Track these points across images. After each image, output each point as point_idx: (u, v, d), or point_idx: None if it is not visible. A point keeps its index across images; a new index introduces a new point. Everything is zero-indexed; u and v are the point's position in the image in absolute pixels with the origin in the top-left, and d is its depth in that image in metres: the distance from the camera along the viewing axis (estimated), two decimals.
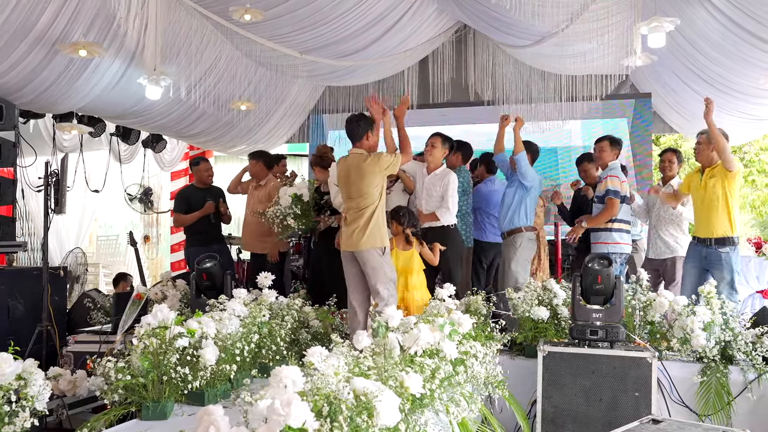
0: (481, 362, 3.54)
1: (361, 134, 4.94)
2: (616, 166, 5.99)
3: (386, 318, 3.07)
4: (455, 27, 9.18)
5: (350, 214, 4.87)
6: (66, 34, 5.71)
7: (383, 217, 4.88)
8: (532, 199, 6.04)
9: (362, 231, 4.75)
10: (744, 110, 7.29)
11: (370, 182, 4.80)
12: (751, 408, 4.36)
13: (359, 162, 4.84)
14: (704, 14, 5.54)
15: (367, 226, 4.75)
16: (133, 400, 3.15)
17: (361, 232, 4.75)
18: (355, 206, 4.83)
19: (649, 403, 4.19)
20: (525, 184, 5.94)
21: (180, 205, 7.22)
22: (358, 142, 4.95)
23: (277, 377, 2.00)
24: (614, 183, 5.82)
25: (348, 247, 4.83)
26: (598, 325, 4.38)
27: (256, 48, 7.42)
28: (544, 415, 4.35)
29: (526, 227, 6.00)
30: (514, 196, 6.00)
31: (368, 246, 4.74)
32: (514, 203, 5.98)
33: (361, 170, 4.81)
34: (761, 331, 4.44)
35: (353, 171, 4.86)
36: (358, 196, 4.83)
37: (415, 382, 2.36)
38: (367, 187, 4.80)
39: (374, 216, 4.79)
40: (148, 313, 3.35)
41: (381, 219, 4.84)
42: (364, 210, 4.79)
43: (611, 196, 5.81)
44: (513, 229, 5.97)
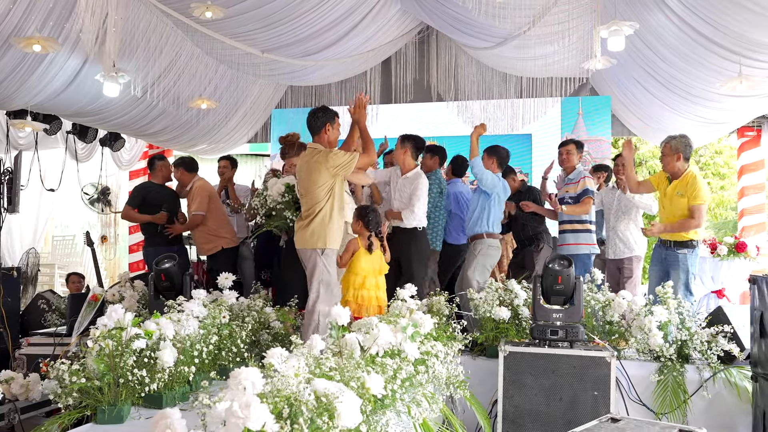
0: (442, 362, 3.53)
1: (319, 127, 4.78)
2: (581, 169, 6.16)
3: (335, 317, 3.05)
4: (418, 28, 9.21)
5: (302, 211, 4.80)
6: (20, 28, 5.56)
7: (333, 218, 4.68)
8: (496, 205, 5.96)
9: (304, 229, 4.66)
10: (700, 114, 7.43)
11: (316, 180, 4.64)
12: (707, 406, 4.46)
13: (310, 157, 4.73)
14: (662, 18, 5.63)
15: (309, 224, 4.64)
16: (89, 404, 3.07)
17: (303, 230, 4.66)
18: (304, 203, 4.75)
19: (608, 402, 4.24)
20: (484, 189, 5.92)
21: (134, 200, 6.96)
22: (317, 135, 4.81)
23: (235, 379, 1.97)
24: (591, 184, 6.09)
25: (296, 244, 4.78)
26: (559, 325, 4.42)
27: (217, 46, 7.32)
28: (505, 415, 4.38)
29: (488, 234, 5.94)
30: (478, 202, 5.97)
31: (308, 245, 4.66)
32: (478, 209, 5.95)
33: (309, 166, 4.69)
34: (716, 331, 4.53)
35: (304, 166, 4.75)
36: (305, 193, 4.73)
37: (376, 383, 2.34)
38: (312, 184, 4.66)
39: (318, 216, 4.63)
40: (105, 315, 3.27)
41: (328, 219, 4.65)
42: (310, 208, 4.68)
43: (589, 195, 6.04)
44: (474, 234, 5.97)
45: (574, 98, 9.03)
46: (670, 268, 5.57)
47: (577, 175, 6.15)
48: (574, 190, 6.10)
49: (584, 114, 8.99)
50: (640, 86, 7.65)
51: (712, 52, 5.65)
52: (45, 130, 7.79)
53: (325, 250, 4.64)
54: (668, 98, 7.37)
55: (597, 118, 8.95)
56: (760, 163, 9.15)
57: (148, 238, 7.09)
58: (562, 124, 9.07)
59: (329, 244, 4.65)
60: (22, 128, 7.42)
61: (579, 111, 9.00)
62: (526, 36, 7.01)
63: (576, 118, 9.03)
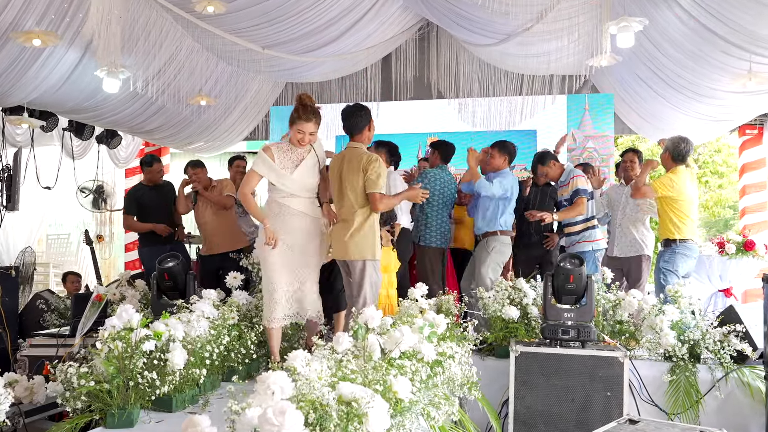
0: (458, 363, 3.47)
1: (362, 126, 4.49)
2: (572, 168, 6.11)
3: (365, 319, 2.97)
4: (419, 25, 9.14)
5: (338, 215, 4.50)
6: (18, 21, 5.45)
7: (376, 225, 4.49)
8: (510, 203, 5.86)
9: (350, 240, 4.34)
10: (702, 111, 7.39)
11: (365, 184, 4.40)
12: (719, 406, 4.41)
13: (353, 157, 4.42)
14: (669, 15, 5.57)
15: (357, 234, 4.34)
16: (97, 407, 3.00)
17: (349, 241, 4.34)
18: (343, 206, 4.45)
19: (621, 402, 4.19)
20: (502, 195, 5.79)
21: (131, 208, 6.75)
22: (359, 134, 4.50)
23: (264, 383, 1.88)
24: (582, 182, 5.94)
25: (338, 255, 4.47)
26: (570, 325, 4.36)
27: (217, 42, 7.23)
28: (516, 416, 4.32)
29: (501, 231, 5.82)
30: (491, 200, 5.78)
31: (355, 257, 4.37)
32: (492, 206, 5.77)
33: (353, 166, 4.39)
34: (728, 330, 4.48)
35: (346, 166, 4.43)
36: (344, 196, 4.44)
37: (403, 387, 2.27)
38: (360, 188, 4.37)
39: (366, 224, 4.39)
40: (109, 315, 3.18)
41: (373, 227, 4.45)
42: (354, 215, 4.37)
43: (581, 195, 5.91)
44: (488, 231, 5.83)
45: (580, 94, 8.99)
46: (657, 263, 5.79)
47: (567, 176, 6.05)
48: (566, 192, 6.02)
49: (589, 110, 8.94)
50: (643, 84, 7.60)
51: (720, 50, 5.60)
52: (42, 127, 7.67)
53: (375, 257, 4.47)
54: (672, 96, 7.33)
55: (599, 116, 8.90)
56: (761, 161, 9.11)
57: (142, 237, 6.95)
58: (568, 120, 9.00)
59: (378, 255, 4.46)
60: (18, 125, 7.28)
61: (585, 106, 8.94)
62: (529, 32, 6.94)
63: (582, 113, 8.97)
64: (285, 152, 4.24)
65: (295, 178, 4.20)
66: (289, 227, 4.21)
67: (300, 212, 4.25)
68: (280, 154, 4.21)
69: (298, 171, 4.20)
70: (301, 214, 4.25)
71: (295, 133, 4.19)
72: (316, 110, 4.24)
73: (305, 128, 4.16)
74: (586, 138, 8.90)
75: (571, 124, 8.96)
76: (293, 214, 4.23)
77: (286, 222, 4.21)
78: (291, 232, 4.21)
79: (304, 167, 4.23)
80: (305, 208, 4.26)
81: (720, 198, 13.25)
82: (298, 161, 4.23)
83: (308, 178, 4.26)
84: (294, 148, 4.25)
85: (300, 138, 4.17)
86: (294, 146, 4.25)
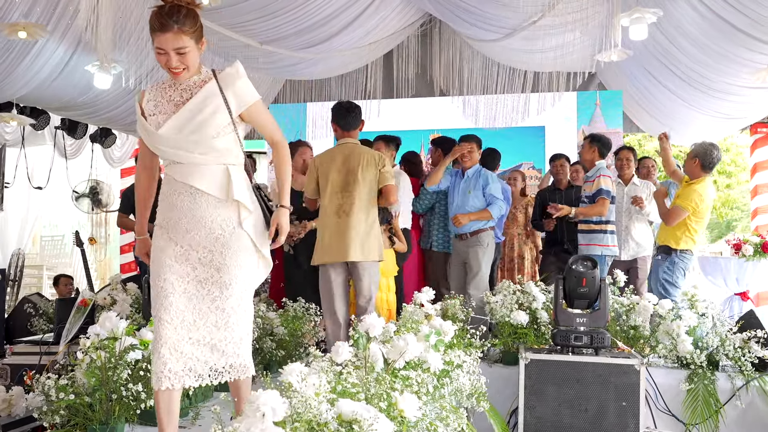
0: (466, 373, 3.25)
1: (356, 124, 4.53)
2: (603, 165, 5.85)
3: (366, 327, 2.74)
4: (421, 20, 8.97)
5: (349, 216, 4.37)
6: (4, 13, 5.25)
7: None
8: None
9: (366, 240, 4.35)
10: (717, 108, 7.19)
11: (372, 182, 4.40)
12: (739, 415, 4.22)
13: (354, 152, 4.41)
14: (686, 8, 5.34)
15: (370, 234, 4.37)
16: (78, 422, 2.81)
17: (365, 241, 4.34)
18: (355, 206, 4.36)
19: (637, 412, 3.97)
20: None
21: (126, 207, 6.50)
22: (354, 130, 4.53)
23: (253, 404, 1.66)
24: (606, 183, 5.70)
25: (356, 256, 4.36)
26: (583, 331, 4.14)
27: (213, 37, 7.02)
28: (526, 427, 4.10)
29: (491, 227, 5.71)
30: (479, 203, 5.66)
31: (370, 258, 4.39)
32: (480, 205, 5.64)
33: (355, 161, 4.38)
34: (748, 336, 4.27)
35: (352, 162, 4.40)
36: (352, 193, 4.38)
37: (410, 405, 2.04)
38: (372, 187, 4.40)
39: (376, 223, 4.43)
40: (96, 321, 2.98)
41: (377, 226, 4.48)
42: (369, 215, 4.39)
43: (603, 196, 5.67)
44: (480, 229, 5.62)
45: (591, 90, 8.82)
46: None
47: (595, 173, 5.82)
48: (590, 189, 5.79)
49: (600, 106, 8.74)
50: (654, 80, 7.39)
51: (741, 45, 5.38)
52: (32, 125, 7.45)
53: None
54: (685, 92, 7.11)
55: (608, 114, 8.69)
56: None
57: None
58: (578, 116, 8.79)
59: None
60: (7, 122, 7.05)
61: (597, 102, 8.73)
62: (535, 26, 6.74)
63: (593, 109, 8.76)
64: (163, 92, 2.69)
65: (166, 133, 2.60)
66: (177, 220, 2.65)
67: (192, 192, 2.63)
68: (155, 95, 2.70)
69: (176, 120, 2.59)
70: (194, 194, 2.63)
71: (157, 56, 2.61)
72: (181, 8, 2.56)
73: (165, 43, 2.53)
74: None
75: (581, 121, 8.75)
76: (180, 192, 2.65)
77: (174, 210, 2.66)
78: (181, 229, 2.64)
79: (187, 114, 2.59)
80: (206, 181, 2.62)
81: (728, 198, 13.01)
82: (180, 103, 2.64)
83: (203, 129, 2.59)
84: (176, 84, 2.67)
85: (165, 62, 2.57)
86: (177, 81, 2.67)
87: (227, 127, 2.63)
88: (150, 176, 2.85)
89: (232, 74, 2.68)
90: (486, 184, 5.61)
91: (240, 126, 2.71)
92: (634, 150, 6.58)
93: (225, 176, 2.64)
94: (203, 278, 2.62)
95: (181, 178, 2.63)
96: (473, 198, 5.62)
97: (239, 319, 2.62)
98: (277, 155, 2.84)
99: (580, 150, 6.09)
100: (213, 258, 2.62)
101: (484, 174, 5.67)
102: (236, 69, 2.70)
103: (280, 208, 2.76)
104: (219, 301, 2.59)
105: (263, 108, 2.83)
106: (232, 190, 2.63)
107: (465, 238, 5.63)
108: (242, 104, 2.67)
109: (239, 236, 2.66)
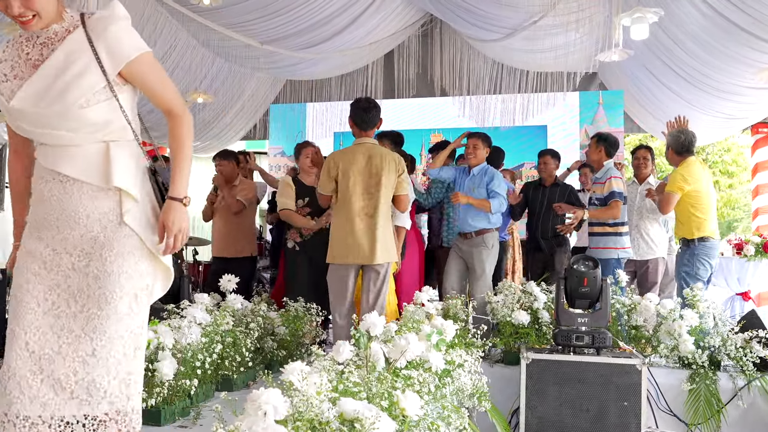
0: (468, 372, 3.24)
1: (374, 122, 4.49)
2: (612, 166, 5.76)
3: (367, 326, 2.74)
4: (422, 20, 8.97)
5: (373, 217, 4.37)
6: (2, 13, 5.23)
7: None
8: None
9: (387, 239, 4.39)
10: (720, 109, 7.18)
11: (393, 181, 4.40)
12: (741, 416, 4.20)
13: (374, 152, 4.39)
14: (688, 7, 5.33)
15: (389, 233, 4.41)
16: None
17: (387, 240, 4.38)
18: (376, 206, 4.35)
19: (639, 413, 3.95)
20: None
21: None
22: (371, 130, 4.48)
23: (254, 403, 1.66)
24: (618, 185, 5.62)
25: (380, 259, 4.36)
26: (584, 331, 4.13)
27: (214, 37, 7.04)
28: (528, 427, 4.09)
29: (496, 228, 5.68)
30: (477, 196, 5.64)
31: (390, 258, 4.43)
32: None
33: (377, 162, 4.36)
34: (750, 336, 4.26)
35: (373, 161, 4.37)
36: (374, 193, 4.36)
37: (412, 403, 2.04)
38: (391, 186, 4.40)
39: (390, 223, 4.45)
40: None
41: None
42: (386, 214, 4.39)
43: (617, 198, 5.58)
44: (483, 229, 5.60)
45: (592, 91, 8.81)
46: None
47: (604, 174, 5.72)
48: (601, 191, 5.71)
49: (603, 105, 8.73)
50: (655, 80, 7.38)
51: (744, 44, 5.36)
52: None
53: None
54: (687, 92, 7.10)
55: (609, 113, 8.68)
56: None
57: None
58: (581, 115, 8.78)
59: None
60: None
61: (599, 101, 8.72)
62: (536, 26, 6.73)
63: (596, 108, 8.75)
64: (20, 47, 2.03)
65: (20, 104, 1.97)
66: (45, 216, 2.07)
67: (62, 180, 2.05)
68: (11, 52, 2.03)
69: (30, 87, 1.96)
70: (64, 183, 2.05)
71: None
72: None
73: None
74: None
75: (583, 120, 8.74)
76: (47, 181, 2.07)
77: (43, 203, 2.08)
78: (51, 227, 2.06)
79: (44, 77, 1.95)
80: (77, 165, 2.04)
81: (730, 198, 12.99)
82: (39, 63, 1.99)
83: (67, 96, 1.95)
84: (34, 37, 2.01)
85: (5, 7, 1.91)
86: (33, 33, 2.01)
87: (101, 91, 1.99)
88: (22, 164, 2.22)
89: (104, 19, 1.99)
90: (490, 180, 5.57)
91: (123, 89, 2.05)
92: (652, 149, 6.50)
93: (103, 157, 2.03)
94: (77, 290, 2.00)
95: (49, 164, 2.03)
96: (477, 195, 5.59)
97: (124, 347, 1.99)
98: (173, 129, 2.15)
99: (587, 150, 5.98)
100: (90, 264, 2.01)
101: (490, 171, 5.63)
102: (111, 10, 2.02)
103: (170, 202, 2.11)
104: (97, 321, 1.96)
105: (153, 65, 2.11)
106: (111, 173, 2.01)
107: (469, 237, 5.60)
108: (119, 59, 1.99)
109: (124, 235, 2.04)
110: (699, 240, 5.37)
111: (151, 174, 2.19)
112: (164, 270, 2.15)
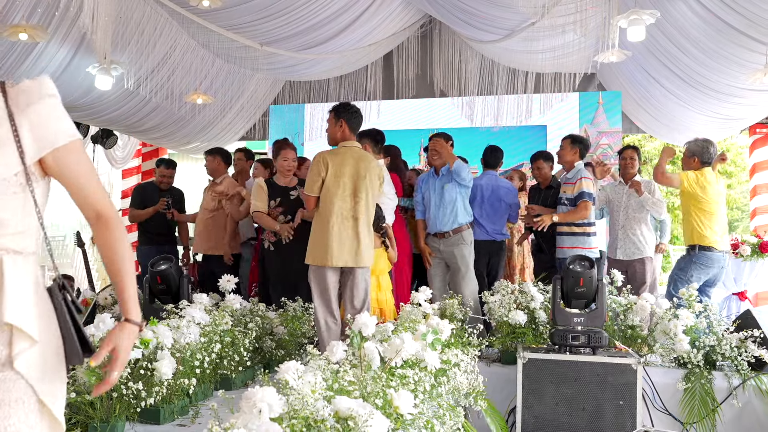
0: (464, 372, 3.27)
1: (359, 127, 4.65)
2: (583, 167, 5.76)
3: (360, 326, 2.77)
4: (421, 21, 8.98)
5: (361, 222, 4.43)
6: (6, 15, 5.27)
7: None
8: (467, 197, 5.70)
9: (371, 245, 4.50)
10: (716, 110, 7.19)
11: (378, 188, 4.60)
12: (736, 415, 4.22)
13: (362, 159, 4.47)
14: (683, 8, 5.36)
15: (371, 239, 4.50)
16: (79, 420, 2.82)
17: (370, 245, 4.48)
18: (367, 212, 4.45)
19: (634, 411, 4.00)
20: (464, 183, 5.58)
21: (134, 200, 6.86)
22: (356, 133, 4.61)
23: (249, 401, 1.69)
24: (588, 185, 5.61)
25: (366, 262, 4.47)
26: (580, 330, 4.17)
27: (214, 38, 7.07)
28: (524, 426, 4.13)
29: (469, 224, 5.66)
30: (456, 193, 5.55)
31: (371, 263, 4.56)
32: (459, 200, 5.55)
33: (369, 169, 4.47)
34: (745, 335, 4.29)
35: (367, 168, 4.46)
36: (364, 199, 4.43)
37: (405, 402, 2.07)
38: (378, 194, 4.60)
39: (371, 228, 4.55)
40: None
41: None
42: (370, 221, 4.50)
43: (586, 198, 5.57)
44: (460, 226, 5.55)
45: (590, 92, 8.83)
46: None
47: (575, 175, 5.71)
48: (571, 191, 5.70)
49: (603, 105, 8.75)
50: (653, 81, 7.39)
51: (736, 44, 5.39)
52: None
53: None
54: (685, 93, 7.11)
55: (607, 114, 8.70)
56: None
57: (140, 235, 6.84)
58: (581, 115, 8.81)
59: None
60: None
61: (600, 101, 8.75)
62: (534, 28, 6.76)
63: (595, 108, 8.78)
64: None
65: None
66: None
67: None
68: None
69: None
70: None
71: None
72: None
73: None
74: (600, 134, 8.69)
75: (583, 120, 8.77)
76: None
77: None
78: None
79: None
80: None
81: (728, 198, 13.01)
82: None
83: None
84: None
85: None
86: None
87: (12, 180, 1.53)
88: None
89: (28, 92, 1.56)
90: (457, 171, 5.49)
91: (40, 183, 1.62)
92: (638, 149, 6.55)
93: None
94: None
95: None
96: (449, 191, 5.54)
97: None
98: (107, 238, 1.74)
99: (559, 150, 5.90)
100: None
101: (455, 165, 5.52)
102: (40, 84, 1.58)
103: (124, 324, 1.72)
104: None
105: (83, 156, 1.69)
106: (2, 303, 1.49)
107: (447, 236, 5.55)
108: (44, 143, 1.57)
109: (10, 383, 1.50)
110: (701, 248, 5.42)
111: (59, 290, 1.69)
112: (56, 426, 1.58)
